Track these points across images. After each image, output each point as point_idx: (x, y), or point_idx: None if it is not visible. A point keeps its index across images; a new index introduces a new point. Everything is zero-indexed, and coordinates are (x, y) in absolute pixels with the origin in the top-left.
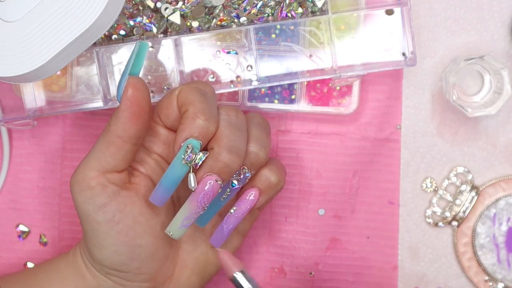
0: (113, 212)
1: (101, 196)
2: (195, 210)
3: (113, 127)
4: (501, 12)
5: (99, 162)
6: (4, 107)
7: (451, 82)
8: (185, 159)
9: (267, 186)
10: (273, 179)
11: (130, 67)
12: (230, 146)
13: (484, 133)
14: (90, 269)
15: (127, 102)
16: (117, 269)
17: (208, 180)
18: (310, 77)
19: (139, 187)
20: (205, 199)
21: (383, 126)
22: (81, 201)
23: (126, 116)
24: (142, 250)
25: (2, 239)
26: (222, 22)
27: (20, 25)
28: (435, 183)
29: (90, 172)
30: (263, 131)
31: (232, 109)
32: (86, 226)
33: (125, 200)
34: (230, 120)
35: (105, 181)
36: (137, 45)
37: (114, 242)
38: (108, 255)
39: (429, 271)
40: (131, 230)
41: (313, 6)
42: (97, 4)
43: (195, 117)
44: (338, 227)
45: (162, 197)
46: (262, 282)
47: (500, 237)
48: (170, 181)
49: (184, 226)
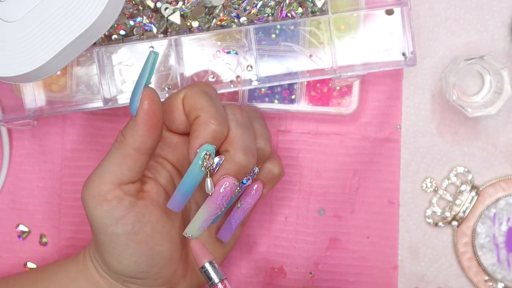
0: (132, 224)
1: (119, 209)
2: (214, 212)
3: (129, 140)
4: (501, 12)
5: (115, 175)
6: (4, 107)
7: (451, 82)
8: (205, 165)
9: (271, 178)
10: (276, 171)
11: (145, 79)
12: (245, 147)
13: (484, 133)
14: (105, 278)
15: (145, 116)
16: (136, 277)
17: (225, 182)
18: (310, 77)
19: (152, 194)
20: (223, 201)
21: (383, 126)
22: (98, 215)
23: (144, 129)
24: (160, 256)
25: (2, 239)
26: (222, 22)
27: (20, 25)
28: (435, 183)
29: (105, 186)
30: (262, 124)
31: (236, 108)
32: (103, 238)
33: (142, 210)
34: (238, 120)
35: (122, 194)
36: (151, 56)
37: (134, 252)
38: (128, 265)
39: (429, 271)
40: (150, 239)
41: (313, 6)
42: (97, 4)
43: (208, 122)
44: (338, 227)
45: (181, 203)
46: (262, 282)
47: (500, 237)
48: (188, 187)
49: (202, 227)
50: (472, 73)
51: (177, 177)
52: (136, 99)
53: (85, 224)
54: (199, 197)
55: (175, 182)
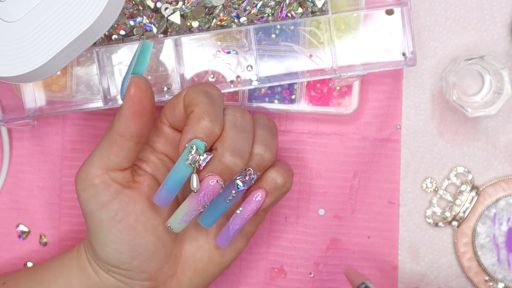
0: (115, 211)
1: (104, 194)
2: (195, 208)
3: (115, 125)
4: (501, 12)
5: (102, 160)
6: (4, 107)
7: (451, 82)
8: (189, 160)
9: (274, 188)
10: (280, 181)
11: (133, 66)
12: (234, 148)
13: (484, 133)
14: (93, 266)
15: (129, 101)
16: (118, 266)
17: (210, 180)
18: (310, 77)
19: (143, 186)
20: (205, 198)
21: (383, 126)
22: (85, 199)
23: (128, 114)
24: (143, 249)
25: (2, 239)
26: (222, 22)
27: (20, 25)
28: (435, 183)
29: (93, 170)
30: (269, 132)
31: (238, 110)
32: (90, 223)
33: (127, 199)
34: (236, 121)
35: (109, 179)
36: (140, 44)
37: (115, 240)
38: (109, 252)
39: (429, 271)
40: (132, 229)
41: (313, 6)
42: (97, 4)
43: (200, 118)
44: (338, 227)
45: (166, 198)
46: (262, 282)
47: (500, 237)
48: (174, 182)
49: (183, 221)
50: (472, 73)
51: None
52: (124, 85)
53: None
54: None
55: None
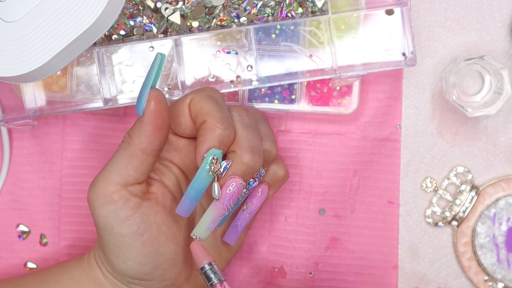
0: (137, 224)
1: (125, 210)
2: (221, 213)
3: (136, 140)
4: (501, 12)
5: (121, 176)
6: (4, 107)
7: (451, 82)
8: (210, 170)
9: (276, 180)
10: (281, 173)
11: (151, 80)
12: (251, 147)
13: (484, 133)
14: (109, 279)
15: (151, 116)
16: (140, 278)
17: (232, 182)
18: (310, 77)
19: (158, 195)
20: (230, 201)
21: (383, 126)
22: (104, 215)
23: (150, 129)
24: (165, 258)
25: (2, 239)
26: (222, 22)
27: (20, 25)
28: (435, 183)
29: (111, 186)
30: (267, 126)
31: (242, 109)
32: (108, 239)
33: (148, 211)
34: (244, 121)
35: (128, 194)
36: (158, 58)
37: (139, 253)
38: (132, 266)
39: (429, 271)
40: (155, 240)
41: (313, 6)
42: (97, 4)
43: (215, 127)
44: (338, 227)
45: (189, 208)
46: (262, 282)
47: (500, 237)
48: (196, 192)
49: (210, 228)
50: (472, 73)
51: (183, 180)
52: (142, 100)
53: (85, 224)
54: (204, 200)
55: (181, 185)
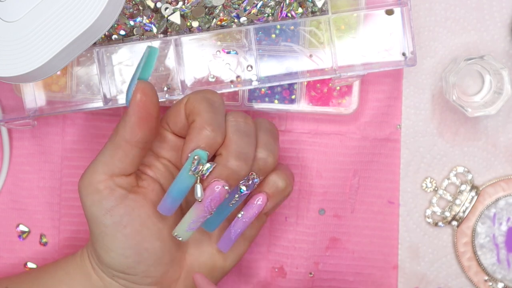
0: (120, 216)
1: (109, 200)
2: (202, 214)
3: (121, 131)
4: (501, 12)
5: (106, 166)
6: (4, 107)
7: (451, 82)
8: (192, 170)
9: (275, 191)
10: (281, 185)
11: (139, 72)
12: (238, 153)
13: (484, 133)
14: (97, 271)
15: (135, 107)
16: (124, 272)
17: (216, 185)
18: (310, 77)
19: (147, 191)
20: (212, 204)
21: (383, 126)
22: (89, 204)
23: (134, 120)
24: (149, 253)
25: (2, 239)
26: (222, 22)
27: (20, 25)
28: (435, 183)
29: (98, 175)
30: (271, 136)
31: (241, 115)
32: (94, 228)
33: (132, 204)
34: (239, 126)
35: (113, 185)
36: (147, 50)
37: (121, 245)
38: (115, 258)
39: (429, 271)
40: (138, 234)
41: (313, 6)
42: (97, 4)
43: (202, 127)
44: (338, 227)
45: (170, 207)
46: (262, 282)
47: (500, 237)
48: (178, 191)
49: (191, 229)
50: (472, 73)
51: None
52: (130, 91)
53: (85, 224)
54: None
55: None
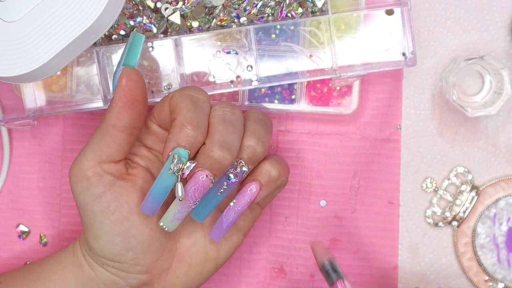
0: (108, 202)
1: (97, 186)
2: (186, 204)
3: (107, 117)
4: (501, 12)
5: (94, 152)
6: (4, 107)
7: (451, 82)
8: (172, 169)
9: (268, 180)
10: (274, 173)
11: (124, 58)
12: (222, 142)
13: (484, 133)
14: (88, 260)
15: (121, 92)
16: (112, 259)
17: (200, 175)
18: (310, 77)
19: (137, 178)
20: (196, 194)
21: (383, 126)
22: (78, 191)
23: (120, 105)
24: (137, 241)
25: (2, 239)
26: (222, 22)
27: (20, 25)
28: (435, 183)
29: (86, 162)
30: (262, 126)
31: (228, 105)
32: (84, 216)
33: (120, 190)
34: (225, 116)
35: (101, 171)
36: (131, 37)
37: (109, 231)
38: (103, 244)
39: (429, 271)
40: (126, 221)
41: (313, 6)
42: (97, 4)
43: (182, 126)
44: (338, 227)
45: (153, 206)
46: (262, 282)
47: (500, 237)
48: (159, 191)
49: (176, 219)
50: (472, 73)
51: None
52: (116, 77)
53: None
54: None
55: None
